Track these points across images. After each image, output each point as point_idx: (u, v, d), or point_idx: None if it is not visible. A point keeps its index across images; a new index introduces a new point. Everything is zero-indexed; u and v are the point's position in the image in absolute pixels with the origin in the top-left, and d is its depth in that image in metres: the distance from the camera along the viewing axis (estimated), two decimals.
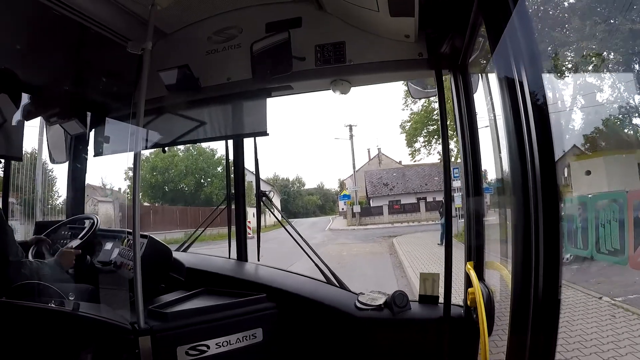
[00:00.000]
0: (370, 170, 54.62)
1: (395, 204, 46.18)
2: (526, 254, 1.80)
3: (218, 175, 47.64)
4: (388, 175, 51.05)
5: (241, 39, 3.87)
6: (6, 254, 3.23)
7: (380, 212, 45.15)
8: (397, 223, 41.20)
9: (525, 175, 1.79)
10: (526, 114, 1.79)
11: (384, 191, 49.25)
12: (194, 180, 48.64)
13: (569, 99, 18.69)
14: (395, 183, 49.83)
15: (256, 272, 4.31)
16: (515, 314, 1.93)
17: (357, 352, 3.55)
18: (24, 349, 2.66)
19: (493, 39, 2.04)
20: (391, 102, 40.48)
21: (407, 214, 43.75)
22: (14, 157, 4.51)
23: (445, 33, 3.30)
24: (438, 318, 3.36)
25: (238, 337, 3.24)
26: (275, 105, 4.30)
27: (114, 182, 20.16)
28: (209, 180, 48.94)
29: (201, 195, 47.71)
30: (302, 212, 70.11)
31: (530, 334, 1.81)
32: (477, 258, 3.32)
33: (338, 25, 3.65)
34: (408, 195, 47.16)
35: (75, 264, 3.71)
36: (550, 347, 1.83)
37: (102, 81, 4.32)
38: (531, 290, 1.79)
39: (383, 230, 34.31)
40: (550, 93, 2.61)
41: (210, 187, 48.00)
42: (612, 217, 7.38)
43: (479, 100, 3.50)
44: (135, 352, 2.85)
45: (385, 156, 59.51)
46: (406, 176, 49.49)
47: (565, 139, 11.09)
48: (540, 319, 1.79)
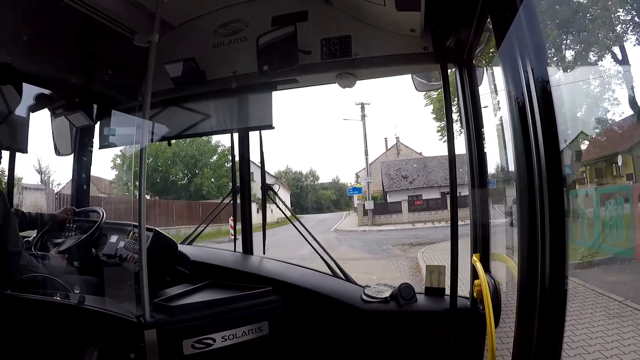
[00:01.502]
0: (387, 161, 48.62)
1: (417, 200, 39.51)
2: (532, 246, 1.81)
3: (211, 165, 44.20)
4: (407, 167, 44.94)
5: (247, 33, 3.87)
6: (5, 243, 3.25)
7: (399, 209, 38.34)
8: (419, 223, 34.47)
9: (531, 168, 1.79)
10: (531, 107, 1.80)
11: (402, 184, 42.82)
12: (184, 169, 44.30)
13: (575, 93, 18.68)
14: (416, 175, 43.09)
15: (262, 265, 4.31)
16: (521, 305, 1.93)
17: (364, 344, 3.56)
18: (30, 342, 2.69)
19: (499, 33, 2.04)
20: (410, 88, 39.20)
21: (430, 211, 36.91)
22: (19, 149, 4.52)
23: (450, 27, 3.30)
24: (444, 310, 3.37)
25: (244, 331, 3.25)
26: (287, 96, 4.27)
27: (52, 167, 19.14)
28: (200, 170, 44.11)
29: (190, 187, 43.07)
30: (315, 207, 67.63)
31: (536, 325, 1.82)
32: (483, 250, 3.33)
33: (344, 19, 3.65)
34: (431, 189, 40.66)
35: (79, 259, 3.75)
36: (557, 339, 1.84)
37: (109, 73, 4.32)
38: (538, 281, 1.79)
39: (401, 234, 27.22)
40: (556, 87, 2.62)
41: (200, 178, 43.38)
42: (618, 209, 7.40)
43: (484, 94, 3.50)
44: (140, 346, 2.86)
45: (404, 146, 53.70)
46: (428, 167, 42.85)
47: (569, 133, 11.08)
48: (546, 311, 1.79)
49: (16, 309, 2.73)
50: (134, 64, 3.66)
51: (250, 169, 4.75)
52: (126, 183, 26.36)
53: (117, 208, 21.05)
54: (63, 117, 4.72)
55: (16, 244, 3.34)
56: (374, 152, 54.74)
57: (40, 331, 2.70)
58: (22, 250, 3.42)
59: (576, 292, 8.62)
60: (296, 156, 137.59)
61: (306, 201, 68.36)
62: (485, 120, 3.42)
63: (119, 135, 4.49)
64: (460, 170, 3.41)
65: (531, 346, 1.85)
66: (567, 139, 10.31)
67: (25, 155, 4.56)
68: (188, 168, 43.83)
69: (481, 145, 3.39)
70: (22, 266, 3.28)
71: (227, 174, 42.70)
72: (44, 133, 4.79)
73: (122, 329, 2.88)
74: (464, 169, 3.46)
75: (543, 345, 1.83)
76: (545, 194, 1.75)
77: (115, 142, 4.92)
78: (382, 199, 44.10)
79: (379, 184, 45.17)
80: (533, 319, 1.83)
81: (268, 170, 4.66)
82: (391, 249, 20.94)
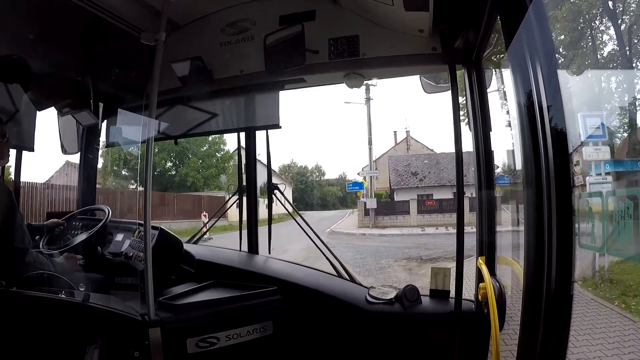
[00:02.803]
0: (396, 156, 45.74)
1: (428, 199, 36.62)
2: (539, 249, 1.79)
3: (200, 154, 41.78)
4: (418, 162, 42.17)
5: (255, 32, 3.86)
6: (12, 239, 3.26)
7: (406, 209, 35.32)
8: (430, 227, 30.38)
9: (539, 171, 1.78)
10: (540, 110, 1.78)
11: (411, 182, 40.31)
12: (175, 159, 42.27)
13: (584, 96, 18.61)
14: (427, 172, 40.85)
15: (267, 265, 4.31)
16: (527, 309, 1.91)
17: (368, 345, 3.56)
18: (34, 339, 2.69)
19: (508, 34, 2.02)
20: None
21: (443, 214, 33.87)
22: (26, 148, 4.53)
23: (459, 28, 3.29)
24: (449, 313, 3.36)
25: (248, 330, 3.26)
26: (296, 91, 4.24)
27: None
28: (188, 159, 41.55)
29: (175, 177, 40.86)
30: (320, 203, 67.10)
31: (542, 329, 1.80)
32: (489, 253, 3.31)
33: (352, 19, 3.64)
34: (443, 188, 37.86)
35: (85, 257, 3.76)
36: (562, 343, 1.83)
37: (115, 72, 4.32)
38: (543, 285, 1.78)
39: (408, 241, 23.23)
40: (566, 89, 2.64)
41: (185, 168, 41.08)
42: (626, 213, 7.32)
43: (493, 96, 3.49)
44: (145, 344, 2.87)
45: (415, 140, 51.95)
46: (440, 164, 40.37)
47: (578, 136, 11.05)
48: (552, 315, 1.78)
49: (21, 306, 2.74)
50: (140, 63, 3.66)
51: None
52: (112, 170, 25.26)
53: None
54: (69, 116, 4.72)
55: (22, 240, 3.35)
56: (382, 146, 52.51)
57: (45, 329, 2.71)
58: (29, 247, 3.43)
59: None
60: (302, 150, 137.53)
61: (311, 197, 67.65)
62: (493, 121, 3.41)
63: (125, 133, 4.49)
64: (472, 169, 3.39)
65: (536, 349, 1.83)
66: (575, 142, 10.35)
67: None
68: (177, 157, 41.91)
69: (489, 147, 3.37)
70: (28, 263, 3.29)
71: (217, 165, 42.37)
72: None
73: (127, 327, 2.89)
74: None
75: (548, 348, 1.82)
76: (553, 197, 1.73)
77: (121, 141, 4.93)
78: (387, 196, 41.75)
79: (386, 180, 42.92)
80: (538, 323, 1.81)
81: (273, 165, 4.63)
82: (392, 266, 15.73)
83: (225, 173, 42.25)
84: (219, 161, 43.40)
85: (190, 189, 39.20)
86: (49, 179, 20.65)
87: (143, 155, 3.26)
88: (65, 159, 22.70)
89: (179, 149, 40.29)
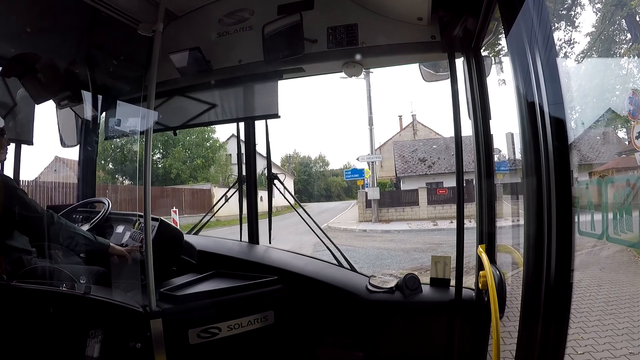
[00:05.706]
0: (401, 141, 42.29)
1: (439, 188, 32.15)
2: (538, 237, 1.80)
3: (186, 144, 38.35)
4: (426, 148, 38.80)
5: (253, 21, 3.84)
6: (36, 210, 3.28)
7: (414, 199, 31.07)
8: (444, 221, 26.51)
9: (539, 159, 1.78)
10: (540, 97, 1.78)
11: (420, 169, 36.86)
12: (161, 147, 38.45)
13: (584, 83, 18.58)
14: (437, 158, 37.18)
15: (267, 255, 4.32)
16: (527, 297, 1.92)
17: (368, 334, 3.57)
18: (36, 332, 2.69)
19: (507, 22, 2.02)
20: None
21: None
22: (25, 141, 4.52)
23: (458, 15, 3.28)
24: (449, 301, 3.37)
25: (249, 320, 3.27)
26: (299, 81, 4.21)
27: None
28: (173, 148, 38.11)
29: (159, 169, 37.01)
30: (324, 194, 66.19)
31: (542, 317, 1.81)
32: (489, 241, 3.31)
33: (350, 7, 3.62)
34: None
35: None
36: (562, 331, 1.83)
37: (113, 64, 4.31)
38: (543, 273, 1.78)
39: (418, 238, 19.79)
40: (565, 76, 2.59)
41: (170, 159, 37.78)
42: (626, 200, 7.32)
43: (492, 83, 3.48)
44: (146, 335, 2.88)
45: (422, 125, 48.33)
46: (450, 149, 33.23)
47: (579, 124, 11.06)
48: (552, 302, 1.79)
49: (23, 300, 2.74)
50: (138, 54, 3.65)
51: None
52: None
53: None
54: (68, 108, 4.71)
55: (35, 210, 3.31)
56: (387, 133, 50.40)
57: (46, 321, 2.71)
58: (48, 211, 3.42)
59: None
60: (305, 141, 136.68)
61: (314, 188, 67.10)
62: (492, 110, 3.40)
63: (124, 125, 4.48)
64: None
65: (536, 336, 1.84)
66: (575, 131, 10.27)
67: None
68: (164, 147, 38.65)
69: (488, 135, 3.37)
70: (60, 224, 3.31)
71: (206, 154, 39.66)
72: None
73: (128, 319, 2.90)
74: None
75: (548, 335, 1.82)
76: (553, 186, 1.73)
77: (120, 133, 4.92)
78: (392, 185, 39.40)
79: (392, 168, 40.42)
80: (538, 311, 1.82)
81: (273, 156, 4.58)
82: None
83: (214, 164, 40.27)
84: (208, 151, 40.67)
85: (175, 182, 36.47)
86: (38, 176, 20.34)
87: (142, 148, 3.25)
88: (55, 155, 22.67)
89: (164, 138, 36.88)
